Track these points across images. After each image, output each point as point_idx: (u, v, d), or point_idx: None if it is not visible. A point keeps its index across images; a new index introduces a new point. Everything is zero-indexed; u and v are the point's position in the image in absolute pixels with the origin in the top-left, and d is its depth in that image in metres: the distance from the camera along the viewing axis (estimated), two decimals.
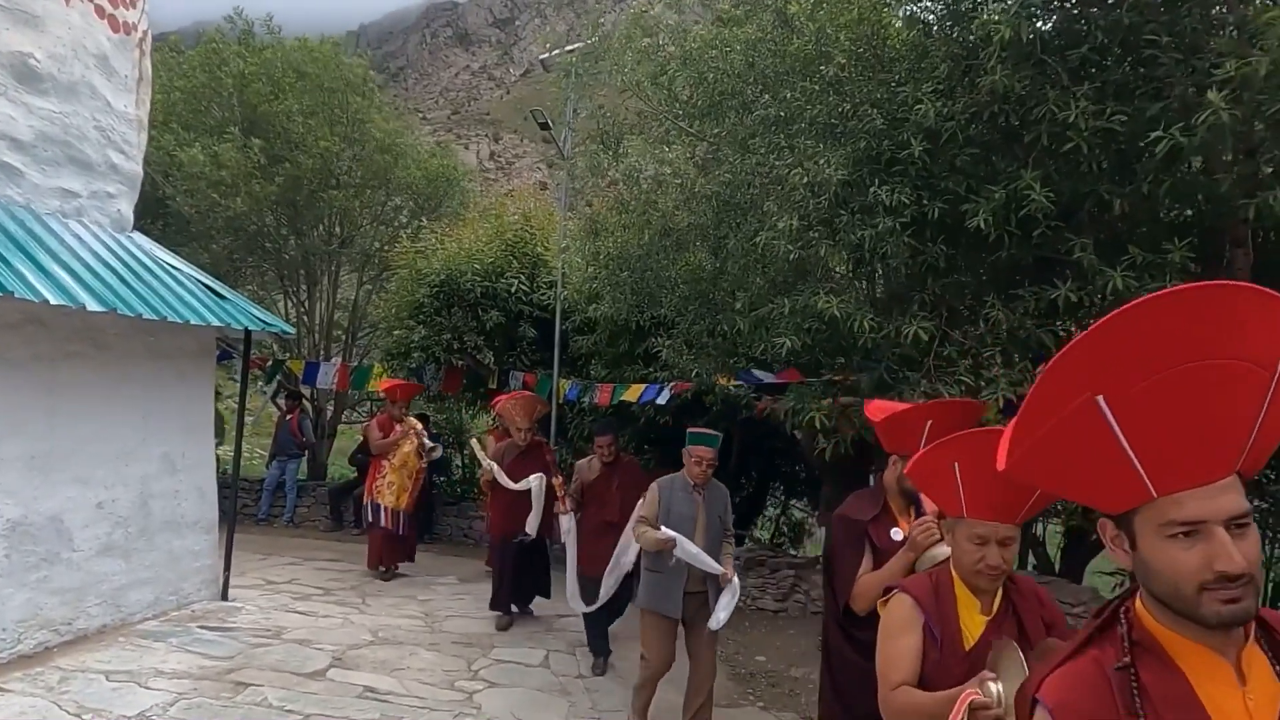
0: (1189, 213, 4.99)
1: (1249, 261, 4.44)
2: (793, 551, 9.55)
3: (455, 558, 9.54)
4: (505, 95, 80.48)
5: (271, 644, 5.60)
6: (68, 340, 5.32)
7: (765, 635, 6.95)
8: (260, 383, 11.43)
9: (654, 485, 4.56)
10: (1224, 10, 4.12)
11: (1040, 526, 7.62)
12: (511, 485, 6.36)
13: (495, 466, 6.46)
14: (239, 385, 7.96)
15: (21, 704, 4.33)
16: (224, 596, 6.58)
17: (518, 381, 9.64)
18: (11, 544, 4.95)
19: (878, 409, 3.21)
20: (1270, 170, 3.71)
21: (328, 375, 10.85)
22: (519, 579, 6.64)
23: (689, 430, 4.60)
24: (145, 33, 6.35)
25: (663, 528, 4.29)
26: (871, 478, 7.66)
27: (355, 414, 14.92)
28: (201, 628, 5.83)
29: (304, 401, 12.12)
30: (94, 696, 4.49)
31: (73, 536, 5.36)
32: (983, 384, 4.31)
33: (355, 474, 11.55)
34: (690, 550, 4.24)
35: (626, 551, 5.10)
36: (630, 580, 5.21)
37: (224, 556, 6.64)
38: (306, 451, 11.90)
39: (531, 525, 6.36)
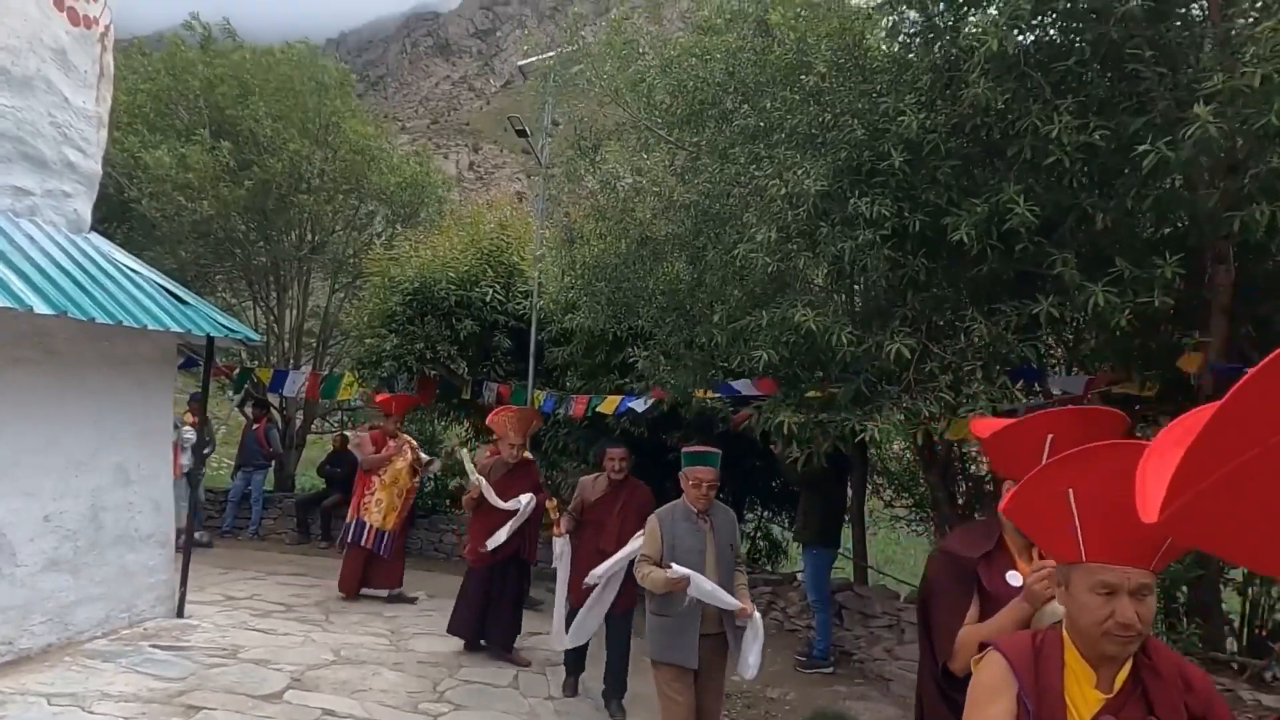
0: (1166, 230, 4.97)
1: (1230, 278, 4.40)
2: (769, 568, 9.43)
3: (424, 573, 9.30)
4: (485, 106, 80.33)
5: (227, 664, 5.36)
6: (15, 345, 5.08)
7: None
8: (228, 391, 11.15)
9: (652, 518, 4.10)
10: (1209, 24, 4.08)
11: None
12: (500, 503, 5.95)
13: (484, 482, 6.02)
14: (201, 393, 7.74)
15: None
16: (180, 613, 6.32)
17: (491, 392, 9.46)
18: None
19: (984, 425, 2.66)
20: (1255, 186, 3.65)
21: (296, 384, 10.60)
22: (488, 607, 6.11)
23: (685, 450, 4.19)
24: (108, 27, 6.15)
25: (672, 565, 3.79)
26: (850, 490, 7.57)
27: (325, 424, 14.64)
28: (154, 647, 5.57)
29: (271, 410, 11.84)
30: None
31: (16, 551, 5.10)
32: (963, 400, 4.21)
33: (324, 486, 11.30)
34: (705, 588, 3.77)
35: (608, 587, 4.82)
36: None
37: (181, 571, 6.39)
38: (273, 462, 11.61)
39: (496, 540, 5.89)
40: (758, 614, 3.91)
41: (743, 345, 5.06)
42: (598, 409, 8.06)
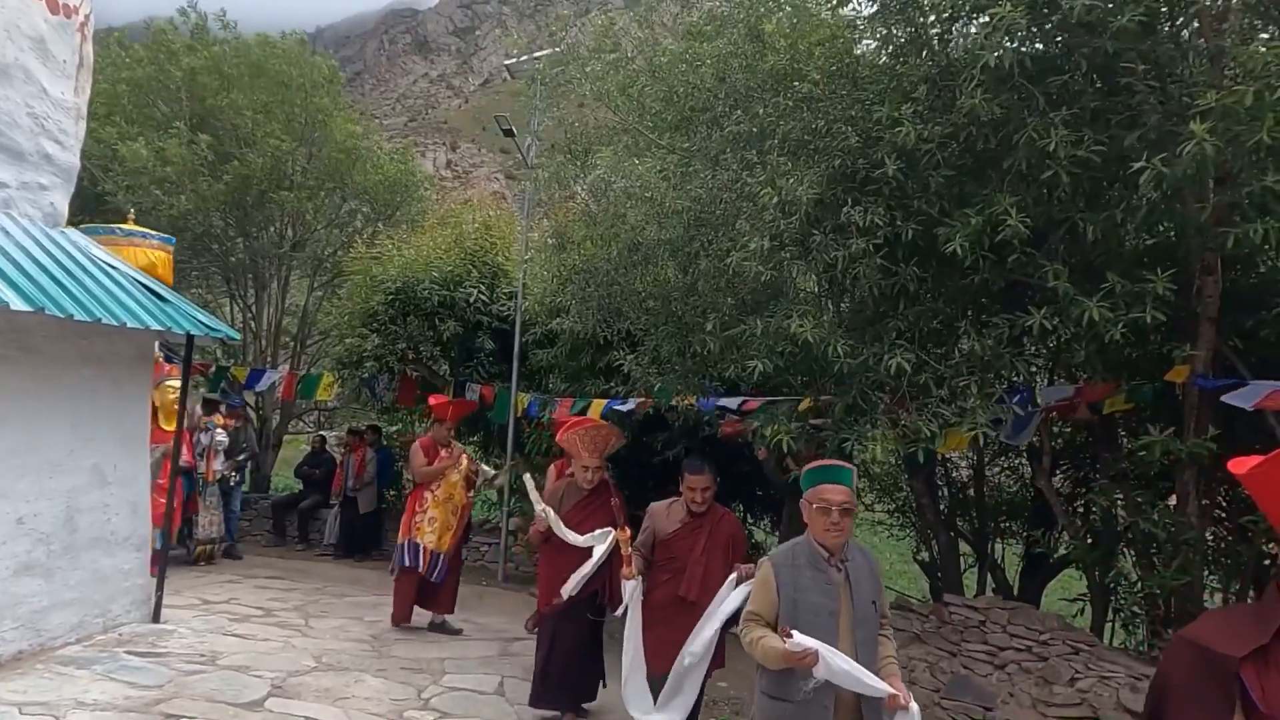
0: (1150, 240, 5.04)
1: (1218, 291, 4.46)
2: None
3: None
4: (464, 104, 79.87)
5: (205, 671, 5.25)
6: None
7: (727, 659, 6.78)
8: (202, 390, 10.94)
9: (766, 564, 3.00)
10: (1199, 40, 4.14)
11: (1000, 548, 7.63)
12: (575, 540, 4.74)
13: (552, 514, 4.84)
14: (179, 392, 7.57)
15: None
16: (156, 618, 6.18)
17: (474, 394, 9.37)
18: None
19: (1241, 463, 1.98)
20: (1248, 201, 3.71)
21: (271, 382, 10.44)
22: (570, 665, 4.90)
23: (807, 468, 3.10)
24: (88, 16, 6.00)
25: (794, 633, 2.71)
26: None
27: (302, 424, 14.45)
28: (129, 653, 5.44)
29: (246, 409, 11.63)
30: None
31: None
32: (959, 414, 4.23)
33: (301, 487, 11.13)
34: (840, 667, 2.71)
35: (698, 650, 3.95)
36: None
37: (157, 575, 6.25)
38: (249, 463, 11.42)
39: (570, 586, 4.69)
40: (915, 705, 2.84)
41: (735, 353, 5.05)
42: (584, 412, 8.00)
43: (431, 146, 68.87)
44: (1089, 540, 5.87)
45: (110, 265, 5.90)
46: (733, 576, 3.88)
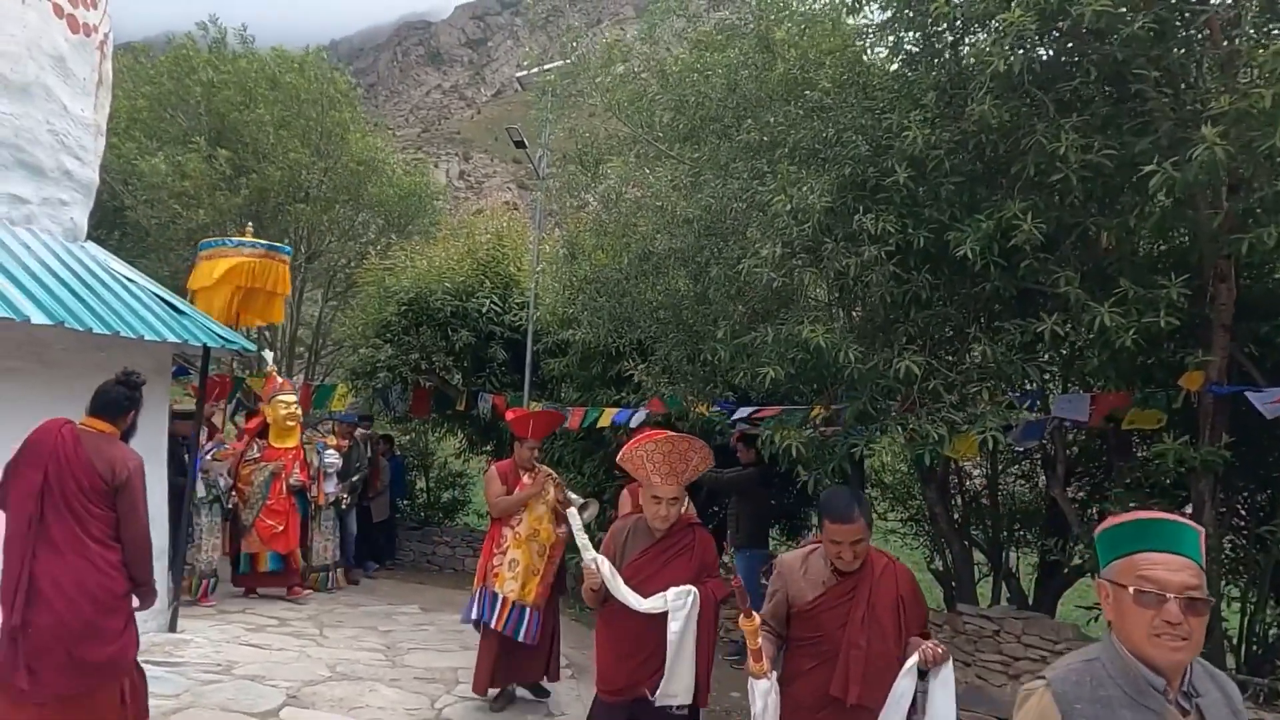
0: (1163, 246, 5.02)
1: (1232, 297, 4.43)
2: (763, 581, 9.39)
3: (418, 585, 9.23)
4: (476, 115, 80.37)
5: (221, 680, 5.29)
6: (8, 355, 5.01)
7: (739, 671, 6.77)
8: (220, 402, 11.05)
9: (1044, 693, 1.73)
10: (1211, 46, 4.13)
11: (1014, 557, 7.57)
12: (640, 604, 3.32)
13: (607, 567, 3.41)
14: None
15: None
16: (172, 628, 6.23)
17: (486, 404, 9.41)
18: None
19: None
20: (1260, 207, 3.69)
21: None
22: None
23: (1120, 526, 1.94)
24: (107, 35, 6.11)
25: None
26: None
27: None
28: (146, 662, 5.43)
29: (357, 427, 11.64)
30: None
31: None
32: (969, 420, 4.22)
33: None
34: None
35: None
36: None
37: (173, 585, 6.30)
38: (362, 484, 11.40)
39: (679, 689, 3.32)
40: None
41: (746, 361, 5.05)
42: (595, 421, 8.02)
43: (444, 157, 69.34)
44: None
45: (128, 279, 5.98)
46: (911, 661, 2.77)
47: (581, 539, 3.86)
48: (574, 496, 5.42)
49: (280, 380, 8.48)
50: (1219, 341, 4.46)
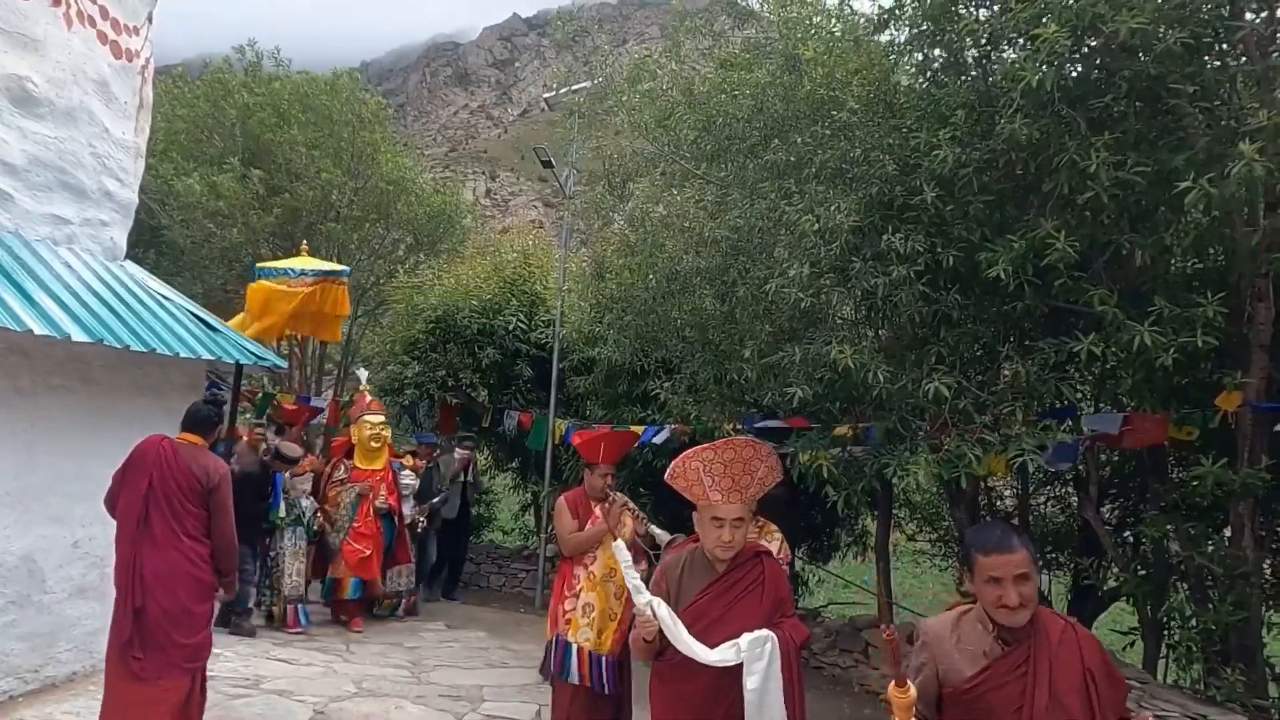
0: (1199, 265, 4.94)
1: (1270, 317, 4.35)
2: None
3: (445, 602, 9.24)
4: (503, 134, 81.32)
5: (250, 694, 5.33)
6: (51, 373, 5.12)
7: None
8: (248, 415, 11.20)
9: None
10: (1246, 62, 4.07)
11: (1048, 580, 7.43)
12: (707, 656, 2.68)
13: (663, 609, 2.77)
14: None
15: None
16: None
17: (512, 420, 9.46)
18: None
19: None
20: None
21: (318, 410, 10.63)
22: None
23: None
24: (148, 60, 6.27)
25: None
26: (876, 522, 7.46)
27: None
28: None
29: (438, 447, 11.64)
30: None
31: (45, 577, 5.10)
32: (1003, 440, 4.16)
33: None
34: None
35: None
36: None
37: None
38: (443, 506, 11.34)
39: None
40: None
41: (773, 380, 5.03)
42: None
43: (471, 176, 70.14)
44: (1140, 573, 5.69)
45: (164, 297, 6.10)
46: None
47: (631, 578, 3.04)
48: (658, 530, 4.75)
49: (369, 399, 8.08)
50: (1258, 362, 4.37)
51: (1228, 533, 4.81)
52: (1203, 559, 4.58)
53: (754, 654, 2.66)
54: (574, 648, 4.42)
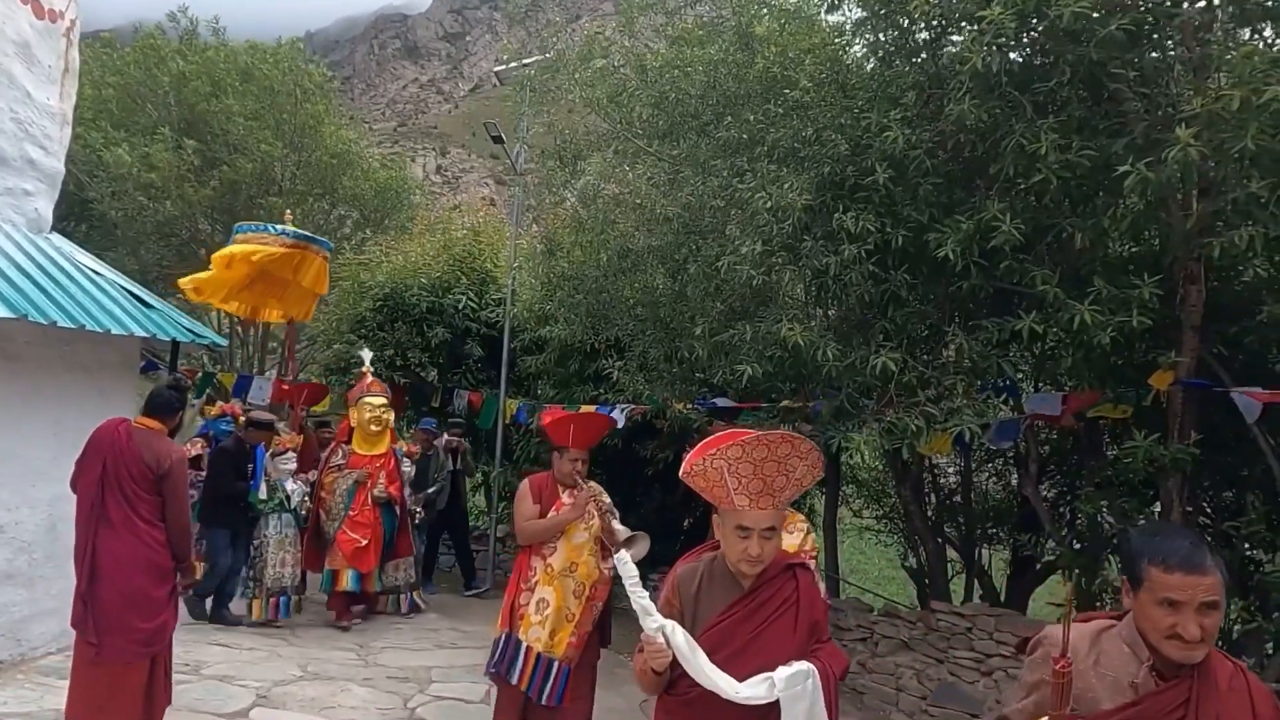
0: (1135, 248, 5.09)
1: (1201, 298, 4.50)
2: None
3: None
4: (453, 110, 79.86)
5: (189, 680, 5.19)
6: None
7: None
8: (189, 396, 10.88)
9: None
10: (1184, 50, 4.18)
11: (987, 555, 7.65)
12: (735, 692, 2.16)
13: (682, 635, 2.22)
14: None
15: None
16: None
17: (462, 400, 9.35)
18: None
19: None
20: (1231, 209, 3.74)
21: (262, 390, 10.36)
22: None
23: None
24: (74, 21, 5.96)
25: None
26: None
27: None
28: None
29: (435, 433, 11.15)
30: None
31: None
32: (946, 414, 4.24)
33: None
34: None
35: None
36: None
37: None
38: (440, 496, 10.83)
39: None
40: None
41: (724, 358, 5.05)
42: None
43: (421, 151, 68.79)
44: (1075, 546, 5.89)
45: (95, 271, 5.85)
46: None
47: (639, 597, 2.28)
48: (620, 528, 3.98)
49: (370, 380, 7.48)
50: (1188, 342, 4.53)
51: (1158, 508, 5.00)
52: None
53: (794, 691, 2.16)
54: (523, 645, 4.02)
